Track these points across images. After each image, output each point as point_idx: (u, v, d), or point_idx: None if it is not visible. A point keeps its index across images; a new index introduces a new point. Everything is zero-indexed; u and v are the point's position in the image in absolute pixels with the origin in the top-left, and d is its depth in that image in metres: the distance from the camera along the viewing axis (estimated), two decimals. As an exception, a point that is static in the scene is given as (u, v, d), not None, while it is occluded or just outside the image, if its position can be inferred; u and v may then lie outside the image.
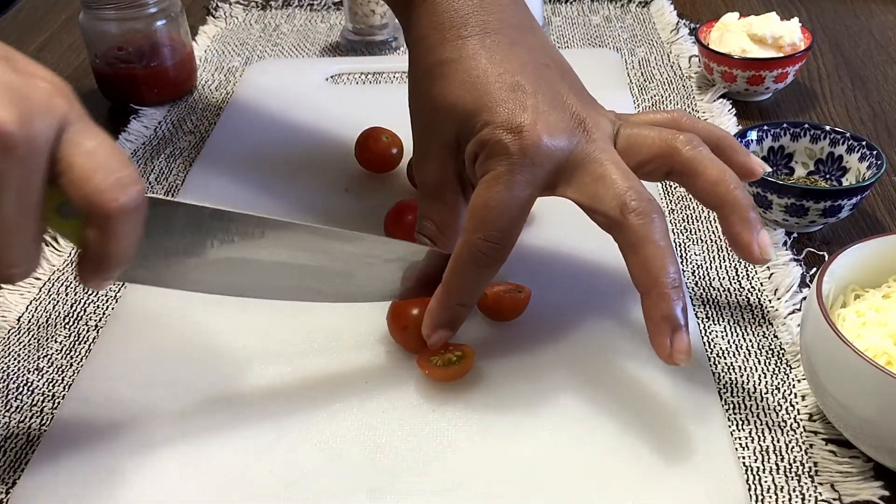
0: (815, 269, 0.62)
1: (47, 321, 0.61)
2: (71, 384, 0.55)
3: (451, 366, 0.51)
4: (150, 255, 0.46)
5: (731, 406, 0.52)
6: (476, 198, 0.49)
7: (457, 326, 0.52)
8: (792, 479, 0.47)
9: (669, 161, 0.51)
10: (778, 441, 0.50)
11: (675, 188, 0.71)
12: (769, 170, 0.54)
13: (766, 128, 0.69)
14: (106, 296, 0.62)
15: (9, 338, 0.59)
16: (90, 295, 0.63)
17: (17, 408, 0.54)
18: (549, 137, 0.49)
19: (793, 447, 0.49)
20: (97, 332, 0.60)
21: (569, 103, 0.51)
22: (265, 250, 0.48)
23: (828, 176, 0.68)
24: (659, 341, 0.46)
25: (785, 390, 0.53)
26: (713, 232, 0.66)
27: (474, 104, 0.50)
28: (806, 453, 0.49)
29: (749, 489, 0.47)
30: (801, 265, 0.62)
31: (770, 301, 0.59)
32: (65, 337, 0.59)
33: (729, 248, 0.64)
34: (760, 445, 0.49)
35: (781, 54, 0.80)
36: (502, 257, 0.50)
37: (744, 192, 0.49)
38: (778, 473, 0.48)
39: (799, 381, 0.53)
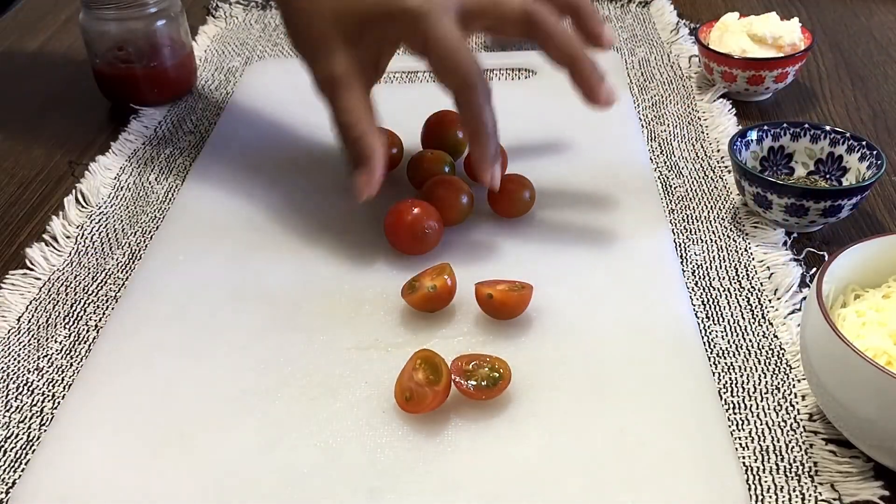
0: (815, 269, 0.62)
1: (47, 321, 0.61)
2: (71, 384, 0.55)
3: (492, 387, 0.51)
4: None
5: (731, 406, 0.52)
6: (447, 51, 0.57)
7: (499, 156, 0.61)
8: (792, 479, 0.47)
9: (527, 28, 0.61)
10: (778, 441, 0.50)
11: (675, 188, 0.71)
12: (613, 42, 0.65)
13: (766, 128, 0.69)
14: (106, 296, 0.62)
15: (9, 338, 0.59)
16: (90, 295, 0.63)
17: (17, 408, 0.54)
18: None
19: (793, 447, 0.49)
20: (97, 332, 0.60)
21: None
22: None
23: (828, 176, 0.68)
24: (599, 89, 0.62)
25: (785, 390, 0.53)
26: (713, 232, 0.66)
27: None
28: (806, 453, 0.49)
29: (749, 489, 0.47)
30: (801, 265, 0.62)
31: (770, 301, 0.59)
32: (65, 337, 0.59)
33: (728, 248, 0.64)
34: (760, 445, 0.49)
35: (781, 54, 0.80)
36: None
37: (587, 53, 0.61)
38: (778, 473, 0.48)
39: (799, 381, 0.53)
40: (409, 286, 0.57)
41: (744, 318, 0.58)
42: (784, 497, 0.46)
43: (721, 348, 0.56)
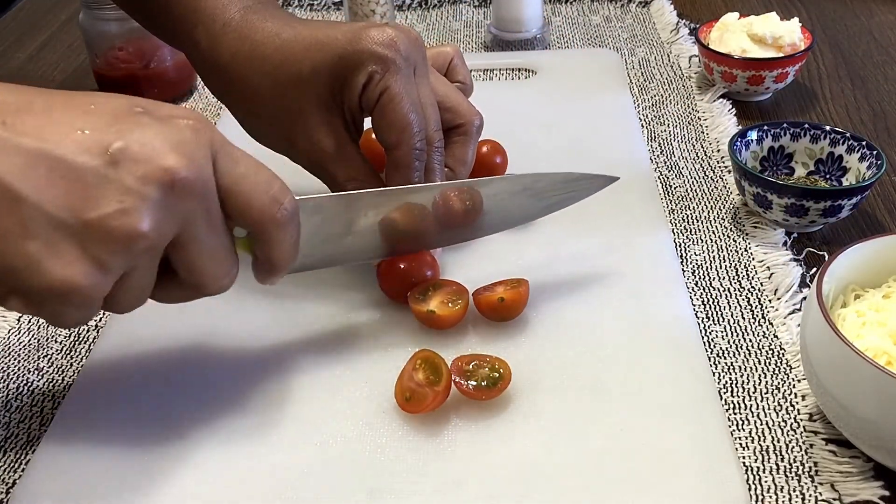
0: (815, 269, 0.62)
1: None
2: (71, 384, 0.55)
3: (492, 387, 0.50)
4: (310, 243, 0.51)
5: (731, 406, 0.52)
6: (406, 104, 0.54)
7: None
8: (792, 479, 0.47)
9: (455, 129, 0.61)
10: (778, 441, 0.50)
11: (675, 188, 0.71)
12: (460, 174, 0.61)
13: (766, 128, 0.69)
14: (106, 296, 0.62)
15: (9, 338, 0.60)
16: (90, 295, 0.63)
17: (17, 408, 0.54)
18: (405, 36, 0.56)
19: (793, 447, 0.49)
20: (97, 332, 0.60)
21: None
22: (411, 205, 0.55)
23: (828, 176, 0.68)
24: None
25: (785, 390, 0.53)
26: (713, 232, 0.66)
27: (338, 50, 0.55)
28: (806, 453, 0.49)
29: (749, 489, 0.47)
30: (801, 265, 0.62)
31: (770, 301, 0.59)
32: (65, 337, 0.59)
33: (728, 248, 0.64)
34: (760, 445, 0.49)
35: (781, 54, 0.80)
36: None
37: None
38: (778, 473, 0.48)
39: (799, 381, 0.53)
40: (419, 295, 0.56)
41: (744, 318, 0.58)
42: (784, 497, 0.46)
43: (721, 348, 0.56)
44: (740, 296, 0.60)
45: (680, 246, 0.65)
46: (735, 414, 0.51)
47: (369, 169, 0.58)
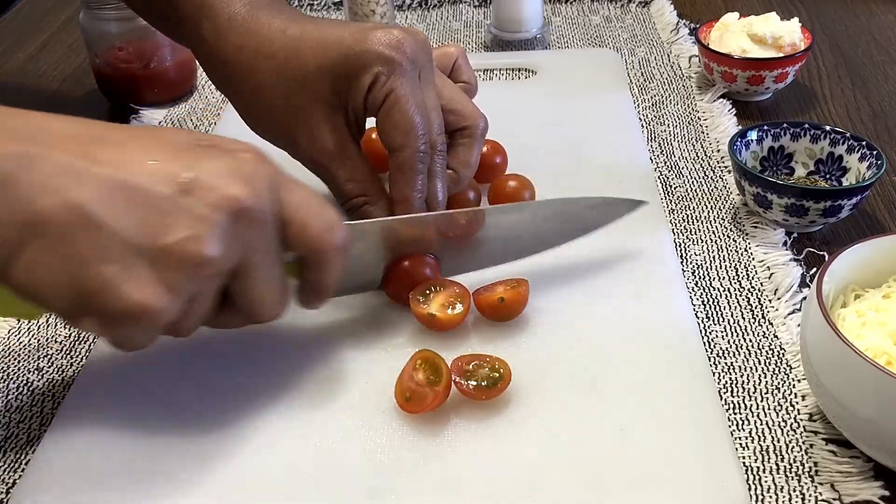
0: (815, 269, 0.62)
1: (47, 321, 0.61)
2: (71, 384, 0.55)
3: (492, 387, 0.50)
4: (350, 269, 0.51)
5: (731, 406, 0.52)
6: (411, 107, 0.54)
7: None
8: (792, 479, 0.47)
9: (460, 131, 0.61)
10: (778, 441, 0.50)
11: (674, 188, 0.71)
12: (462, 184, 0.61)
13: (766, 128, 0.69)
14: (106, 296, 0.62)
15: (9, 338, 0.60)
16: (90, 295, 0.63)
17: (17, 408, 0.54)
18: (412, 38, 0.55)
19: (793, 447, 0.49)
20: (97, 332, 0.59)
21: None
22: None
23: (828, 176, 0.68)
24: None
25: (785, 390, 0.53)
26: (713, 232, 0.66)
27: (344, 50, 0.55)
28: (806, 453, 0.49)
29: (749, 489, 0.47)
30: (801, 265, 0.62)
31: (770, 301, 0.59)
32: (65, 337, 0.59)
33: (728, 248, 0.64)
34: (760, 445, 0.49)
35: (781, 54, 0.80)
36: None
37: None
38: (778, 473, 0.48)
39: (799, 381, 0.53)
40: (420, 297, 0.56)
41: (744, 318, 0.58)
42: (784, 497, 0.47)
43: (721, 348, 0.56)
44: (740, 296, 0.60)
45: (680, 246, 0.65)
46: (735, 414, 0.51)
47: (369, 170, 0.58)
